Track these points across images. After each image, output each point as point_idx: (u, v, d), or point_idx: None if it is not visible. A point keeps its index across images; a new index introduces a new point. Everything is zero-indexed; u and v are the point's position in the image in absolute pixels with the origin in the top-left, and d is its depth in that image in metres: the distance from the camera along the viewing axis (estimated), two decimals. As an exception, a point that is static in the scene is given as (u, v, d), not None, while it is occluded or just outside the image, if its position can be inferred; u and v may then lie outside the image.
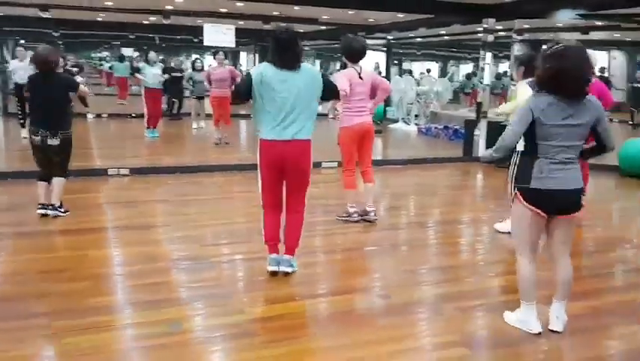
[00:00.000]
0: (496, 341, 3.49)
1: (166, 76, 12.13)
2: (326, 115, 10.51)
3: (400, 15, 12.14)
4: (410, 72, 19.87)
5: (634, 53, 22.16)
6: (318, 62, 32.36)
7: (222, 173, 8.45)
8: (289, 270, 4.32)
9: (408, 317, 3.80)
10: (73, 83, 5.95)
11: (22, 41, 20.13)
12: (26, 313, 3.66)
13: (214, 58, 11.36)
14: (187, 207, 6.54)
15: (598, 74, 12.21)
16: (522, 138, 3.39)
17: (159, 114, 11.92)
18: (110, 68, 22.18)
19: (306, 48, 30.69)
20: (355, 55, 5.68)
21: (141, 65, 12.08)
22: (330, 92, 4.34)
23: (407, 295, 4.13)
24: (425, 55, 24.28)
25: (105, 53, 36.40)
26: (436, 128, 14.08)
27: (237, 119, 14.26)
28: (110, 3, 11.11)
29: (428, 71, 21.44)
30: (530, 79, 5.19)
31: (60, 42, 23.80)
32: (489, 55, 10.76)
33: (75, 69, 11.42)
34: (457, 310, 3.89)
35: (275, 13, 12.76)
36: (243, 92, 4.15)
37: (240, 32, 12.68)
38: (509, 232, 5.39)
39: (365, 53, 5.74)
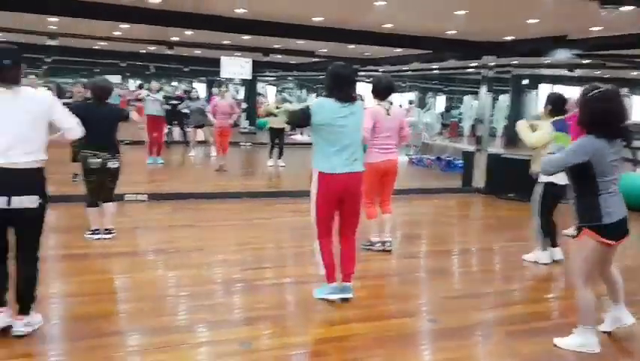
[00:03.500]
0: None
1: (173, 103, 12.69)
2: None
3: (398, 50, 12.52)
4: (411, 102, 20.66)
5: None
6: (304, 91, 32.90)
7: (235, 200, 8.59)
8: (351, 295, 4.46)
9: (460, 340, 3.99)
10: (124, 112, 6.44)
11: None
12: (97, 332, 3.76)
13: (219, 90, 11.73)
14: (214, 233, 6.69)
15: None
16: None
17: (160, 141, 12.05)
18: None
19: (290, 78, 31.28)
20: (382, 92, 5.86)
21: (144, 93, 12.26)
22: None
23: (453, 319, 4.33)
24: (410, 87, 25.08)
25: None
26: (428, 159, 14.42)
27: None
28: (118, 33, 11.31)
29: (410, 102, 21.96)
30: (556, 118, 5.64)
31: (46, 67, 24.13)
32: (484, 89, 11.19)
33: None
34: (507, 334, 4.11)
35: (276, 46, 13.07)
36: (299, 122, 4.54)
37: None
38: (536, 262, 5.78)
39: (393, 90, 5.98)
